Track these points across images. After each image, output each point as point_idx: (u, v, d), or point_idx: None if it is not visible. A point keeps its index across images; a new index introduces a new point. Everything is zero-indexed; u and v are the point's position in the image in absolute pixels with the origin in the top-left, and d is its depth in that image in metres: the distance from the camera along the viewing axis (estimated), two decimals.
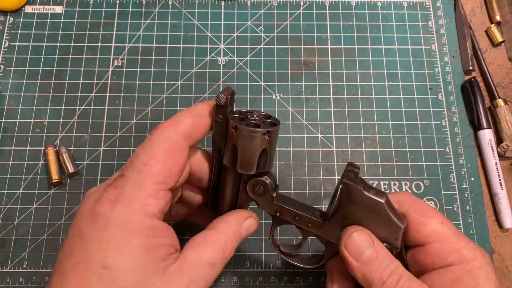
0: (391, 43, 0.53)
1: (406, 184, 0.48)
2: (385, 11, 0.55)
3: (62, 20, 0.53)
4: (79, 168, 0.47)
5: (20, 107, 0.49)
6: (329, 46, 0.53)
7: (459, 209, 0.47)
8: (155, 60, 0.52)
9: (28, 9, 0.54)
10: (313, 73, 0.52)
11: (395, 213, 0.31)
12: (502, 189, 0.47)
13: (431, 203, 0.47)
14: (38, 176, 0.47)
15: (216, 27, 0.54)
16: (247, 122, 0.30)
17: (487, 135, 0.49)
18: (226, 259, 0.30)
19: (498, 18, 0.54)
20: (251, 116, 0.31)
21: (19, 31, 0.53)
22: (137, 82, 0.51)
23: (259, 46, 0.53)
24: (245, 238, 0.33)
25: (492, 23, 0.55)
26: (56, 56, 0.52)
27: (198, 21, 0.54)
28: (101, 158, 0.48)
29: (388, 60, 0.53)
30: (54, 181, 0.46)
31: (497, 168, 0.47)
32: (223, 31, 0.53)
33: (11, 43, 0.52)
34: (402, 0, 0.55)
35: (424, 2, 0.55)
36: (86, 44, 0.52)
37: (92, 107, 0.50)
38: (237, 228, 0.32)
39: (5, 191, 0.46)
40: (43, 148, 0.48)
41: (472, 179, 0.48)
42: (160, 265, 0.26)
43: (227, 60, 0.52)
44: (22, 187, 0.46)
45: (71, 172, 0.46)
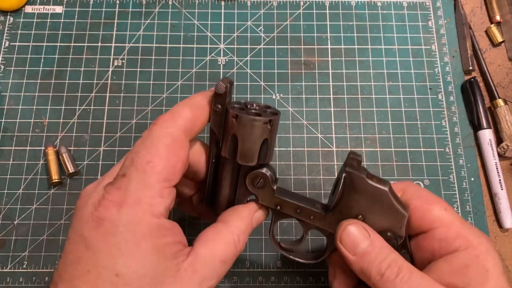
0: (391, 43, 0.53)
1: None
2: (385, 11, 0.55)
3: (62, 20, 0.53)
4: (79, 168, 0.47)
5: (20, 107, 0.49)
6: (329, 46, 0.53)
7: (459, 209, 0.47)
8: (155, 60, 0.52)
9: (28, 9, 0.54)
10: (313, 73, 0.52)
11: (399, 201, 0.30)
12: (502, 189, 0.47)
13: None
14: (38, 176, 0.47)
15: (216, 27, 0.54)
16: (248, 111, 0.29)
17: (487, 135, 0.49)
18: (238, 254, 0.29)
19: (498, 18, 0.54)
20: (250, 105, 0.30)
21: (19, 31, 0.53)
22: (137, 82, 0.51)
23: (259, 46, 0.53)
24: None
25: (492, 23, 0.55)
26: (56, 56, 0.52)
27: (198, 21, 0.54)
28: (101, 158, 0.48)
29: (388, 60, 0.53)
30: (54, 181, 0.46)
31: (497, 168, 0.47)
32: (223, 31, 0.53)
33: (11, 43, 0.52)
34: (402, 0, 0.55)
35: (424, 2, 0.55)
36: (86, 44, 0.52)
37: (92, 107, 0.50)
38: (250, 221, 0.31)
39: (5, 191, 0.46)
40: (43, 148, 0.48)
41: (472, 179, 0.48)
42: (171, 265, 0.25)
43: (227, 60, 0.52)
44: (22, 187, 0.46)
45: (71, 172, 0.46)
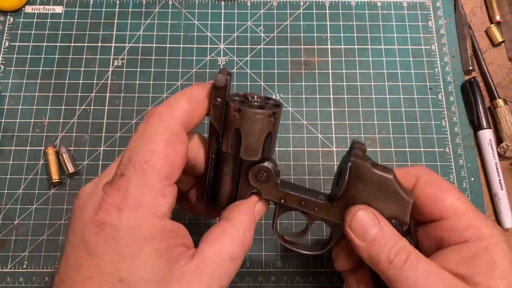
0: (391, 43, 0.53)
1: None
2: (385, 11, 0.55)
3: (62, 20, 0.53)
4: (79, 168, 0.47)
5: (20, 107, 0.49)
6: (329, 46, 0.53)
7: None
8: (155, 60, 0.52)
9: (28, 9, 0.54)
10: (313, 73, 0.52)
11: (403, 188, 0.30)
12: (502, 189, 0.47)
13: None
14: (38, 176, 0.47)
15: (216, 27, 0.54)
16: (250, 104, 0.28)
17: (487, 135, 0.49)
18: (246, 250, 0.29)
19: (498, 18, 0.54)
20: (251, 98, 0.29)
21: (19, 31, 0.53)
22: (137, 82, 0.51)
23: (259, 46, 0.53)
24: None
25: (492, 23, 0.55)
26: (56, 56, 0.52)
27: (198, 21, 0.54)
28: (101, 158, 0.48)
29: (388, 60, 0.53)
30: (54, 181, 0.46)
31: (497, 168, 0.47)
32: (223, 31, 0.53)
33: (11, 43, 0.52)
34: (402, 0, 0.55)
35: (424, 2, 0.55)
36: (86, 44, 0.52)
37: (92, 107, 0.50)
38: (252, 215, 0.30)
39: (5, 191, 0.46)
40: (43, 148, 0.48)
41: (472, 179, 0.48)
42: (176, 268, 0.25)
43: (227, 60, 0.52)
44: (22, 187, 0.46)
45: (71, 172, 0.46)
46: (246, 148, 0.28)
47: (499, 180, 0.47)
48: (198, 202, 0.35)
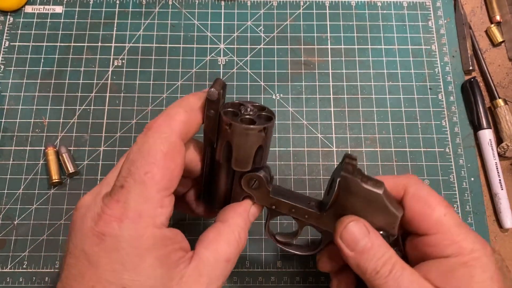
0: (391, 43, 0.53)
1: None
2: (385, 11, 0.55)
3: (62, 20, 0.53)
4: (79, 168, 0.47)
5: (20, 107, 0.49)
6: (329, 46, 0.53)
7: (459, 209, 0.47)
8: (155, 60, 0.52)
9: (28, 9, 0.54)
10: (313, 73, 0.52)
11: (392, 202, 0.31)
12: (502, 189, 0.47)
13: None
14: (38, 176, 0.47)
15: (216, 27, 0.54)
16: (241, 117, 0.28)
17: (487, 135, 0.49)
18: (240, 250, 0.30)
19: (498, 18, 0.54)
20: (244, 110, 0.29)
21: (19, 31, 0.53)
22: (137, 82, 0.51)
23: (259, 46, 0.53)
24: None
25: (492, 23, 0.55)
26: (56, 56, 0.52)
27: (198, 21, 0.54)
28: (101, 158, 0.48)
29: (388, 60, 0.53)
30: (54, 181, 0.46)
31: (497, 168, 0.47)
32: (223, 31, 0.53)
33: (11, 43, 0.52)
34: (402, 0, 0.55)
35: (424, 2, 0.55)
36: (86, 44, 0.52)
37: (92, 107, 0.50)
38: (247, 216, 0.31)
39: (5, 191, 0.46)
40: (43, 148, 0.48)
41: (472, 179, 0.48)
42: (175, 273, 0.25)
43: (227, 60, 0.52)
44: (22, 187, 0.46)
45: (71, 172, 0.46)
46: (237, 160, 0.29)
47: (499, 180, 0.47)
48: (196, 202, 0.36)
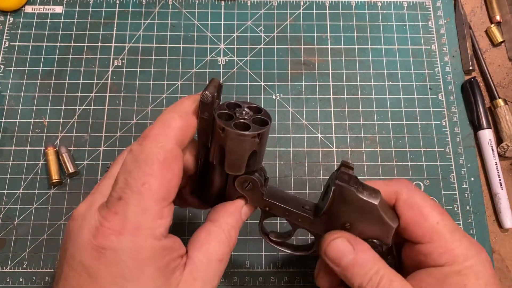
0: (391, 43, 0.53)
1: None
2: (385, 11, 0.55)
3: (62, 20, 0.53)
4: (79, 168, 0.47)
5: (20, 107, 0.49)
6: (329, 46, 0.53)
7: (459, 209, 0.47)
8: (155, 60, 0.52)
9: (28, 9, 0.54)
10: (313, 73, 0.52)
11: (388, 212, 0.30)
12: (502, 189, 0.47)
13: None
14: (38, 176, 0.47)
15: (216, 27, 0.54)
16: (235, 122, 0.27)
17: (487, 135, 0.49)
18: (232, 249, 0.29)
19: (498, 18, 0.54)
20: (239, 113, 0.28)
21: (19, 31, 0.53)
22: (137, 82, 0.51)
23: (259, 46, 0.53)
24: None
25: (492, 23, 0.55)
26: (56, 56, 0.52)
27: (198, 21, 0.54)
28: (101, 158, 0.48)
29: (388, 60, 0.53)
30: (54, 181, 0.46)
31: (497, 168, 0.47)
32: (223, 31, 0.53)
33: (11, 43, 0.52)
34: (402, 0, 0.55)
35: (424, 2, 0.55)
36: (86, 44, 0.52)
37: (92, 107, 0.50)
38: (239, 215, 0.31)
39: (5, 191, 0.46)
40: (43, 148, 0.48)
41: (472, 179, 0.48)
42: (172, 279, 0.26)
43: (227, 60, 0.52)
44: (22, 187, 0.46)
45: (71, 172, 0.46)
46: (229, 164, 0.28)
47: (499, 180, 0.47)
48: (190, 196, 0.35)
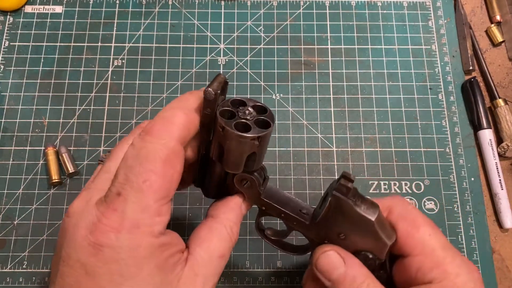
0: (391, 43, 0.53)
1: (406, 184, 0.47)
2: (385, 11, 0.55)
3: (62, 20, 0.53)
4: (79, 168, 0.47)
5: (20, 107, 0.49)
6: (329, 46, 0.53)
7: (459, 209, 0.47)
8: (155, 60, 0.52)
9: (28, 9, 0.54)
10: (313, 73, 0.52)
11: (385, 228, 0.30)
12: (502, 189, 0.47)
13: (431, 203, 0.47)
14: (38, 176, 0.47)
15: (216, 27, 0.54)
16: (236, 122, 0.27)
17: (487, 135, 0.49)
18: (233, 245, 0.29)
19: (498, 18, 0.54)
20: (242, 113, 0.27)
21: (19, 31, 0.53)
22: (137, 82, 0.51)
23: (259, 46, 0.53)
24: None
25: (492, 23, 0.55)
26: (56, 56, 0.52)
27: (198, 21, 0.54)
28: None
29: (388, 60, 0.53)
30: (54, 181, 0.46)
31: (497, 168, 0.47)
32: (223, 31, 0.53)
33: (11, 43, 0.52)
34: (402, 0, 0.55)
35: (424, 2, 0.55)
36: (86, 44, 0.52)
37: (92, 107, 0.50)
38: (239, 210, 0.31)
39: (5, 191, 0.46)
40: (43, 148, 0.48)
41: (472, 179, 0.48)
42: (173, 276, 0.25)
43: (227, 60, 0.52)
44: (22, 187, 0.46)
45: (71, 172, 0.46)
46: (227, 163, 0.28)
47: (499, 180, 0.47)
48: (189, 182, 0.35)
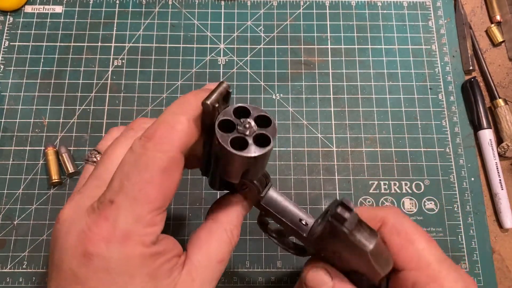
0: (391, 43, 0.53)
1: (406, 184, 0.47)
2: (385, 11, 0.55)
3: (62, 20, 0.53)
4: (79, 168, 0.47)
5: (20, 107, 0.49)
6: (329, 46, 0.53)
7: (459, 209, 0.47)
8: (155, 60, 0.52)
9: (28, 9, 0.54)
10: (313, 73, 0.52)
11: (380, 258, 0.28)
12: (502, 189, 0.47)
13: (431, 203, 0.47)
14: (38, 176, 0.47)
15: (216, 27, 0.54)
16: (233, 137, 0.25)
17: (487, 135, 0.49)
18: (233, 248, 0.28)
19: (498, 18, 0.54)
20: (242, 126, 0.25)
21: (19, 31, 0.53)
22: (137, 82, 0.51)
23: (259, 46, 0.53)
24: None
25: (492, 23, 0.55)
26: (56, 56, 0.52)
27: (198, 21, 0.54)
28: None
29: (388, 60, 0.53)
30: (54, 181, 0.46)
31: (497, 168, 0.47)
32: (223, 31, 0.53)
33: (11, 43, 0.52)
34: (402, 0, 0.55)
35: (424, 2, 0.55)
36: (86, 44, 0.52)
37: (92, 107, 0.50)
38: (240, 212, 0.30)
39: (5, 191, 0.46)
40: (43, 148, 0.48)
41: (472, 179, 0.48)
42: (168, 282, 0.25)
43: (227, 60, 0.52)
44: (22, 187, 0.46)
45: (71, 172, 0.46)
46: (224, 172, 0.27)
47: (500, 180, 0.47)
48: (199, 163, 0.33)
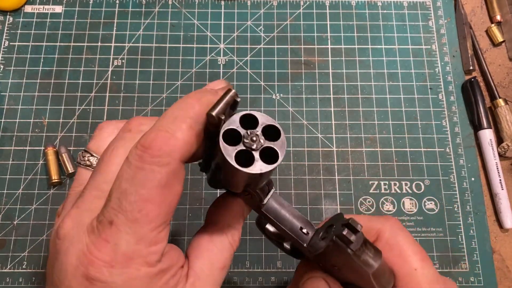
0: (391, 43, 0.53)
1: (406, 184, 0.47)
2: (385, 11, 0.55)
3: (61, 20, 0.53)
4: None
5: (20, 107, 0.49)
6: (329, 46, 0.53)
7: (460, 209, 0.47)
8: (155, 60, 0.52)
9: (28, 9, 0.54)
10: (313, 73, 0.52)
11: (382, 278, 0.28)
12: (502, 189, 0.47)
13: (431, 203, 0.47)
14: (38, 176, 0.47)
15: (216, 27, 0.54)
16: (238, 150, 0.23)
17: (487, 135, 0.49)
18: (234, 252, 0.28)
19: (498, 18, 0.54)
20: (249, 139, 0.23)
21: (19, 31, 0.53)
22: (137, 82, 0.51)
23: (259, 46, 0.53)
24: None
25: (492, 23, 0.55)
26: (56, 56, 0.52)
27: (198, 21, 0.54)
28: None
29: (388, 60, 0.53)
30: (53, 181, 0.46)
31: (498, 168, 0.47)
32: (223, 31, 0.53)
33: (10, 43, 0.52)
34: (402, 0, 0.55)
35: (424, 2, 0.55)
36: (85, 44, 0.52)
37: (92, 107, 0.50)
38: (241, 215, 0.29)
39: (5, 191, 0.46)
40: (42, 148, 0.48)
41: (473, 179, 0.48)
42: None
43: (227, 60, 0.52)
44: (22, 187, 0.46)
45: (70, 172, 0.46)
46: (225, 183, 0.27)
47: (500, 180, 0.47)
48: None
